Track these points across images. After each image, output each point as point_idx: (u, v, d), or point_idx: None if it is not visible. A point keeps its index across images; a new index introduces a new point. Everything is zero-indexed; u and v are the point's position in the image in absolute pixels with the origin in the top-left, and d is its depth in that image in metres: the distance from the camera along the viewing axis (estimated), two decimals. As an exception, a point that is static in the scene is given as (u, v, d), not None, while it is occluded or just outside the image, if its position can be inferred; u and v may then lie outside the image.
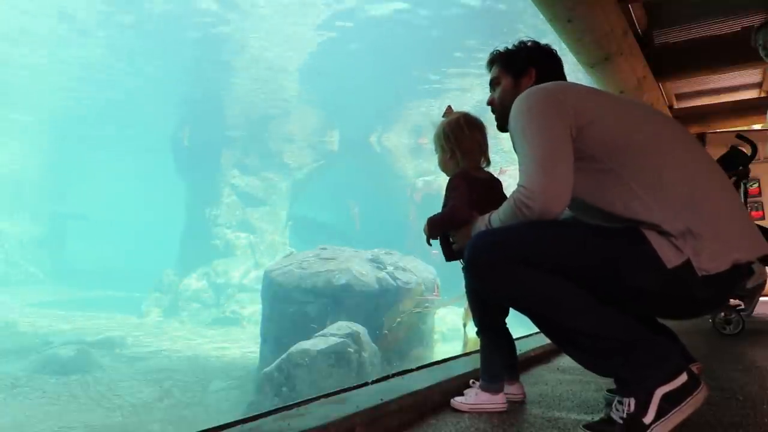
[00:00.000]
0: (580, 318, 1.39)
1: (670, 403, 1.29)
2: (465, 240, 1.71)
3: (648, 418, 1.29)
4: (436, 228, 1.82)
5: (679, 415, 1.29)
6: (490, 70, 1.90)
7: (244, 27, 17.49)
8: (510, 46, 1.86)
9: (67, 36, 17.97)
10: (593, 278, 1.40)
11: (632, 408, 1.31)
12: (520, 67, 1.80)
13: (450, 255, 1.87)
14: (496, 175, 1.98)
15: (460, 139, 1.88)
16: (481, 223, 1.62)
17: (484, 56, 1.93)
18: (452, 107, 1.98)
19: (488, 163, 1.95)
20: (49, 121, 24.60)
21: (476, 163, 1.91)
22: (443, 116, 1.96)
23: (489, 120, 1.95)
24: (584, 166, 1.47)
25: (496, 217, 1.54)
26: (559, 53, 1.86)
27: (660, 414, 1.28)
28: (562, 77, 1.80)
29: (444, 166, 1.95)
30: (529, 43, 1.84)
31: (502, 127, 1.82)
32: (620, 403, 1.36)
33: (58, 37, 18.00)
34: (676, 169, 1.42)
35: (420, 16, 17.00)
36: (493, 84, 1.88)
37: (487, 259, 1.48)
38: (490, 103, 1.88)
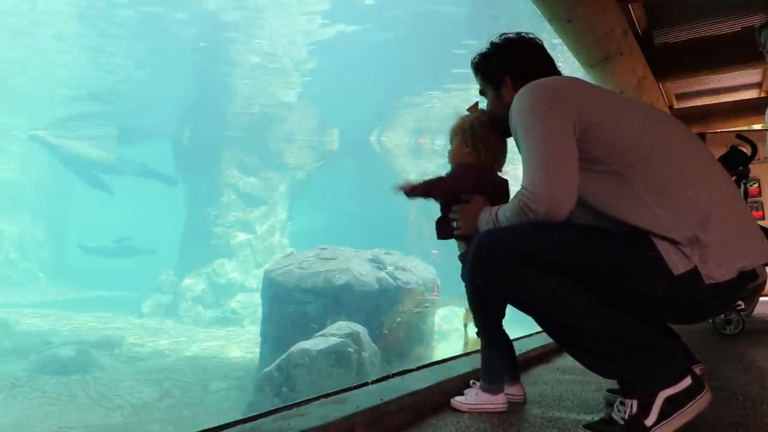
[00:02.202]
0: (584, 319, 1.37)
1: (673, 406, 1.28)
2: (468, 226, 1.70)
3: (650, 421, 1.28)
4: (420, 189, 1.79)
5: (681, 418, 1.28)
6: (476, 77, 1.84)
7: (244, 27, 17.49)
8: (485, 50, 1.77)
9: (66, 36, 17.97)
10: (598, 281, 1.38)
11: (634, 410, 1.30)
12: (496, 78, 1.73)
13: (444, 234, 1.84)
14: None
15: (487, 137, 1.84)
16: (488, 217, 1.59)
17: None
18: (478, 105, 1.92)
19: (500, 170, 1.92)
20: (48, 121, 24.59)
21: (494, 164, 1.88)
22: (467, 110, 1.92)
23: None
24: (588, 167, 1.43)
25: (503, 216, 1.51)
26: (559, 54, 1.82)
27: (662, 417, 1.28)
28: (546, 68, 1.70)
29: (458, 159, 1.90)
30: (499, 42, 1.74)
31: (502, 133, 1.81)
32: (622, 404, 1.35)
33: (57, 38, 17.99)
34: (683, 175, 1.39)
35: (420, 15, 16.99)
36: (482, 94, 1.85)
37: (492, 258, 1.45)
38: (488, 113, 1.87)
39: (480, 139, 1.84)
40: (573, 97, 1.47)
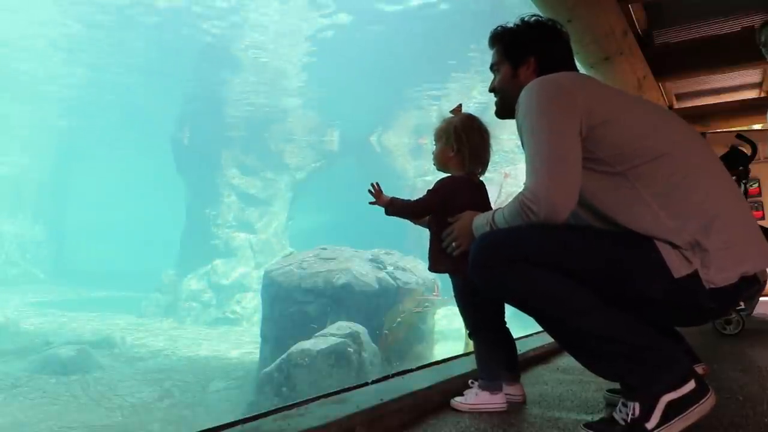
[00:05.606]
0: (585, 318, 1.36)
1: (675, 409, 1.27)
2: (465, 239, 1.68)
3: (651, 424, 1.27)
4: (393, 207, 1.86)
5: (683, 422, 1.27)
6: (491, 48, 1.79)
7: (244, 26, 17.50)
8: (512, 25, 1.73)
9: (68, 37, 17.98)
10: (599, 282, 1.37)
11: (636, 412, 1.29)
12: (519, 55, 1.69)
13: (437, 266, 1.85)
14: (499, 179, 1.96)
15: (471, 140, 1.84)
16: (483, 221, 1.57)
17: (484, 56, 1.85)
18: (462, 107, 1.92)
19: (484, 171, 1.92)
20: (49, 121, 24.61)
21: (478, 168, 1.88)
22: (451, 112, 1.91)
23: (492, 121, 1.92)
24: (592, 168, 1.42)
25: (501, 217, 1.49)
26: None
27: (664, 420, 1.26)
28: (569, 60, 1.71)
29: (442, 161, 1.90)
30: (531, 21, 1.71)
31: (501, 114, 1.78)
32: (624, 405, 1.34)
33: (59, 39, 18.00)
34: (688, 179, 1.38)
35: (420, 15, 17.00)
36: (493, 69, 1.78)
37: (492, 258, 1.44)
38: (492, 89, 1.80)
39: (464, 142, 1.84)
40: (581, 95, 1.45)
